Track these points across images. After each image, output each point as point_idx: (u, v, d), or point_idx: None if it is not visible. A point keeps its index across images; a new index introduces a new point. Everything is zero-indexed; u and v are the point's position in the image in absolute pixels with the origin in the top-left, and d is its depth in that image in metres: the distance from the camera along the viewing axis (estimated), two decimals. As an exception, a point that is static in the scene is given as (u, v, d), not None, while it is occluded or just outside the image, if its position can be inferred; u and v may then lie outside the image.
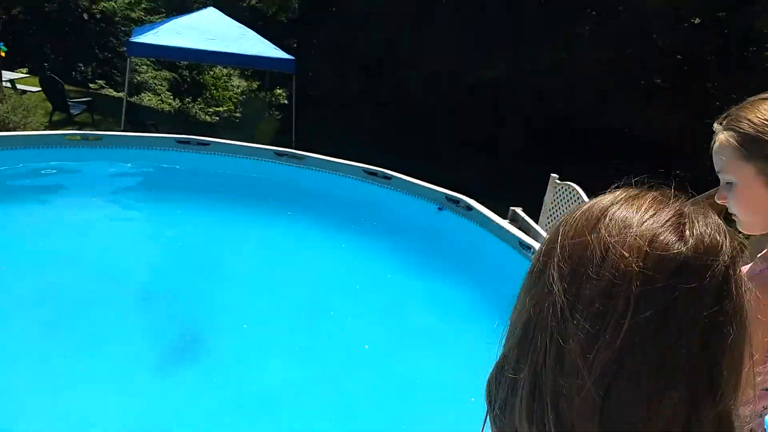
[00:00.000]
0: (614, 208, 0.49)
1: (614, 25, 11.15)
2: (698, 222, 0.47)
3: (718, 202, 1.12)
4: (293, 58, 9.80)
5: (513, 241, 4.28)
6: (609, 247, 0.46)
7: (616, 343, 0.44)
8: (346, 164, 5.52)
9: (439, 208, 5.14)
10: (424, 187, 5.28)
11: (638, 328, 0.44)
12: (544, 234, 4.49)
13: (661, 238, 0.46)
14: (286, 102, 14.46)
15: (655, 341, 0.44)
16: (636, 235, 0.46)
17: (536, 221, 4.95)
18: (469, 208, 4.82)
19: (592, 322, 0.45)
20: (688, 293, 0.44)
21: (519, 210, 4.72)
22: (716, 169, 1.10)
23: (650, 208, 0.48)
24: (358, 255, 4.45)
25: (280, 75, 12.57)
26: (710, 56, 12.12)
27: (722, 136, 1.06)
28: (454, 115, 12.33)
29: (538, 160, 9.37)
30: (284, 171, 5.57)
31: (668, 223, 0.47)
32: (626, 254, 0.45)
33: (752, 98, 1.05)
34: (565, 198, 5.30)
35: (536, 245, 4.18)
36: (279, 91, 15.24)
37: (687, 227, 0.46)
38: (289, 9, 15.35)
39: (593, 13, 12.39)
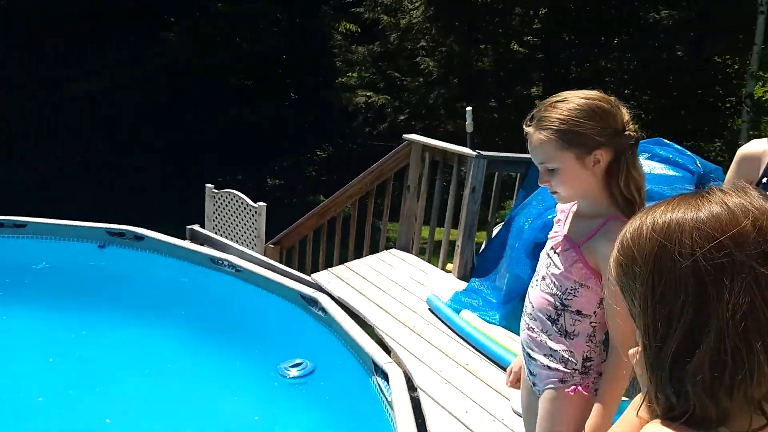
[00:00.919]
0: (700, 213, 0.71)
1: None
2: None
3: (540, 185, 1.49)
4: None
5: (203, 260, 4.22)
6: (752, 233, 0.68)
7: None
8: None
9: (100, 246, 4.62)
10: (72, 226, 4.65)
11: None
12: (230, 243, 4.56)
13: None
14: None
15: None
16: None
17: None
18: (139, 237, 4.49)
19: None
20: None
21: (196, 227, 4.64)
22: (538, 161, 1.45)
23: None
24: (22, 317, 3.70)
25: None
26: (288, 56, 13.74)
27: (540, 135, 1.40)
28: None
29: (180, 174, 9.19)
30: None
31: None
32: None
33: (550, 100, 1.43)
34: (226, 204, 5.44)
35: (229, 257, 4.24)
36: None
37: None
38: None
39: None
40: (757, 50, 11.54)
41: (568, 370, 1.48)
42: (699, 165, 3.24)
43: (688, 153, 3.32)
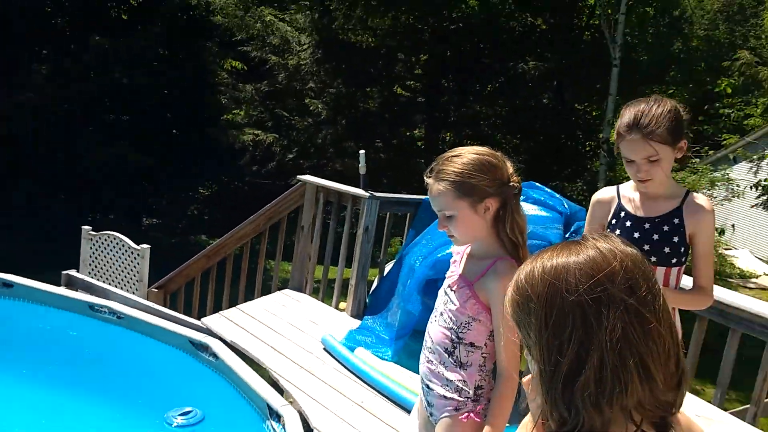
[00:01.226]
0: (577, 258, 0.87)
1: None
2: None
3: (439, 230, 1.61)
4: None
5: (82, 307, 3.96)
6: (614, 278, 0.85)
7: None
8: None
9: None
10: None
11: None
12: (111, 289, 4.31)
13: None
14: None
15: None
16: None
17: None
18: (8, 284, 4.13)
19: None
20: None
21: (73, 272, 4.35)
22: (437, 209, 1.58)
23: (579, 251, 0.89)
24: None
25: None
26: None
27: (439, 186, 1.55)
28: None
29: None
30: None
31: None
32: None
33: (446, 155, 1.58)
34: (105, 247, 5.15)
35: (108, 303, 4.01)
36: None
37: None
38: None
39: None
40: (611, 99, 12.96)
41: (462, 399, 1.61)
42: (566, 206, 3.60)
43: (557, 195, 3.68)
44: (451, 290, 1.66)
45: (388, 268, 4.42)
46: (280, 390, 3.29)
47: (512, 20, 14.97)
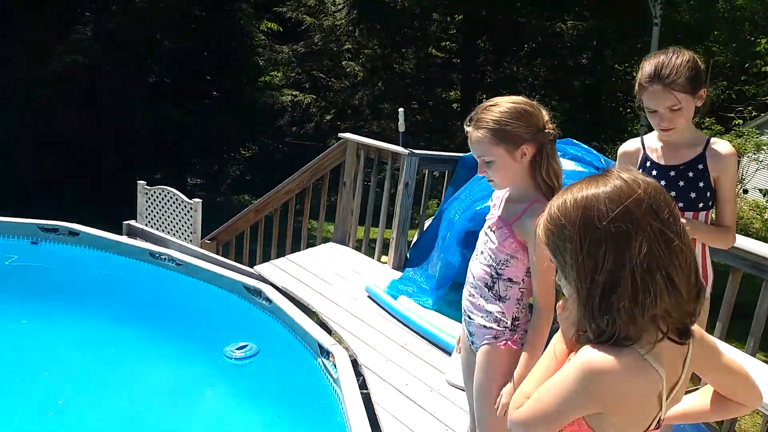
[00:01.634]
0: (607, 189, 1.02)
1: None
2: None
3: (480, 174, 1.78)
4: None
5: (143, 255, 4.28)
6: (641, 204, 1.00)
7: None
8: None
9: (32, 242, 4.56)
10: (1, 222, 4.56)
11: None
12: (170, 238, 4.63)
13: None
14: None
15: None
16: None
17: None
18: (75, 233, 4.47)
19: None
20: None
21: (133, 222, 4.67)
22: (477, 155, 1.74)
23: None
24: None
25: None
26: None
27: (477, 133, 1.70)
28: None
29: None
30: None
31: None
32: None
33: (484, 105, 1.73)
34: (160, 201, 5.47)
35: (168, 251, 4.32)
36: None
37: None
38: None
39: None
40: (652, 60, 12.66)
41: (500, 328, 1.79)
42: (603, 162, 3.72)
43: (594, 152, 3.80)
44: (491, 231, 1.82)
45: (427, 223, 4.62)
46: (329, 331, 3.56)
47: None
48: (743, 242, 2.79)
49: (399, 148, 4.48)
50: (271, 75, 14.33)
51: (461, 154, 4.60)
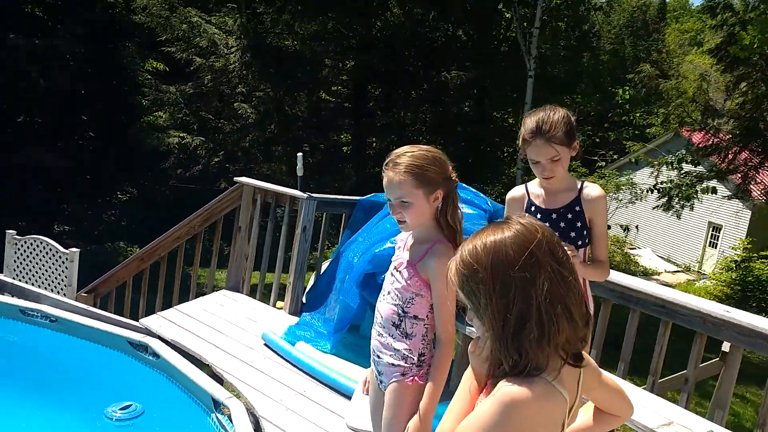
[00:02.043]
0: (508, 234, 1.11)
1: None
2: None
3: (394, 216, 1.82)
4: None
5: (12, 311, 3.89)
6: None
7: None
8: None
9: None
10: None
11: None
12: (43, 292, 4.24)
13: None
14: None
15: None
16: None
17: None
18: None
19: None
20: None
21: (2, 276, 4.23)
22: (395, 197, 1.79)
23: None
24: None
25: None
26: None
27: (399, 176, 1.77)
28: None
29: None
30: None
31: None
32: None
33: (401, 151, 1.80)
34: (31, 251, 5.02)
35: (40, 306, 3.95)
36: None
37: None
38: None
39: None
40: (527, 108, 13.72)
41: (407, 365, 1.85)
42: (489, 204, 3.93)
43: (482, 195, 4.01)
44: (397, 271, 1.90)
45: (324, 266, 4.61)
46: (223, 383, 3.40)
47: (435, 30, 15.52)
48: (613, 275, 3.05)
49: (297, 192, 4.47)
50: (155, 115, 13.84)
51: (358, 198, 4.67)
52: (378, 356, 1.91)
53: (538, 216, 2.21)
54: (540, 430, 1.11)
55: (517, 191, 2.34)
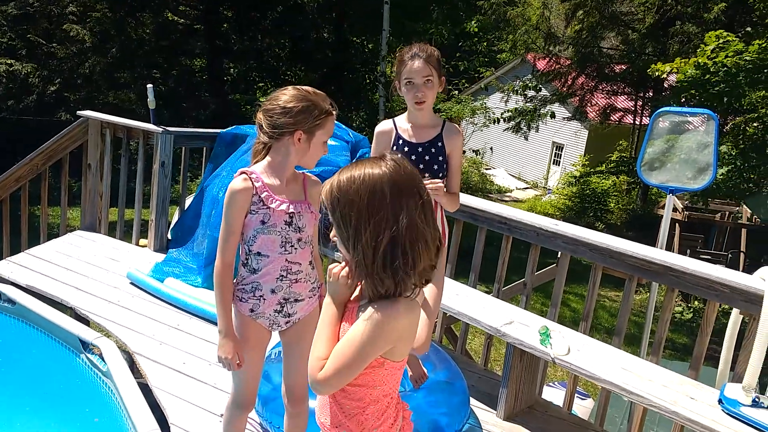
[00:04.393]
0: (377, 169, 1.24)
1: None
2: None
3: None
4: None
5: None
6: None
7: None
8: None
9: None
10: None
11: None
12: None
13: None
14: None
15: None
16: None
17: None
18: None
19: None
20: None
21: None
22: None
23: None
24: None
25: None
26: None
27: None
28: None
29: None
30: None
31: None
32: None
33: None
34: None
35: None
36: None
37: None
38: None
39: None
40: (385, 35, 13.81)
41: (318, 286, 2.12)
42: (351, 136, 4.08)
43: (344, 126, 4.14)
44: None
45: (188, 201, 4.54)
46: (88, 323, 3.35)
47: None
48: (463, 198, 3.39)
49: (151, 126, 4.29)
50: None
51: (218, 131, 4.58)
52: (296, 300, 2.03)
53: (406, 149, 2.40)
54: (406, 336, 1.31)
55: (385, 125, 2.50)
